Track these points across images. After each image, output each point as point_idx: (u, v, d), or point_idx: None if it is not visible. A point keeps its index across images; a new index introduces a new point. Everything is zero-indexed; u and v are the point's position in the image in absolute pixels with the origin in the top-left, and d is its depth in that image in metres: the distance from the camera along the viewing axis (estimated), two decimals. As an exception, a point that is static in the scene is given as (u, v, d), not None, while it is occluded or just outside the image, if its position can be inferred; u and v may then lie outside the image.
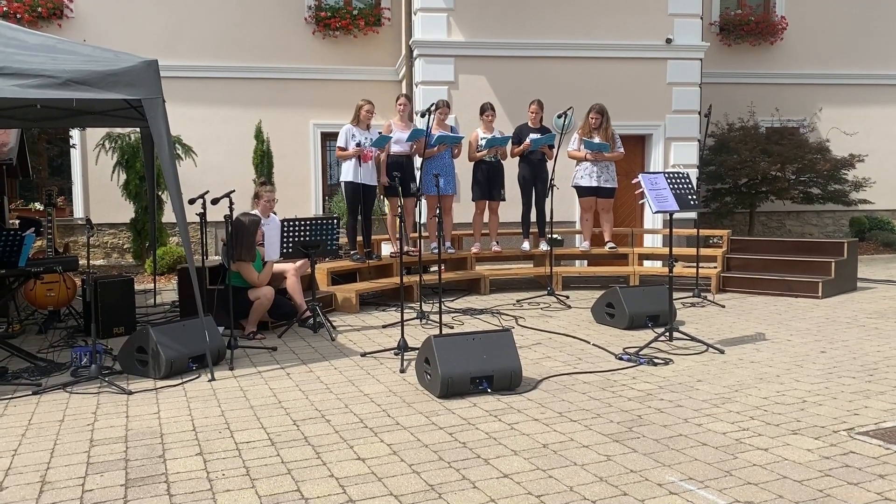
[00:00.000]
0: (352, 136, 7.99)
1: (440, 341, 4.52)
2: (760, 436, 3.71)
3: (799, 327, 6.50)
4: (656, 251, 10.06)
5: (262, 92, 12.61)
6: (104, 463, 3.47)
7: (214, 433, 3.87)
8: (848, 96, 14.34)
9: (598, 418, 4.03)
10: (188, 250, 5.30)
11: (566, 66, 11.38)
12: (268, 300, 6.38)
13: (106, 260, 12.47)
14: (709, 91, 12.08)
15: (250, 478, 3.26)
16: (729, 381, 4.78)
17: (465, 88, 11.11)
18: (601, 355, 5.56)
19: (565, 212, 10.97)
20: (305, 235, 6.52)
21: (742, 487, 3.07)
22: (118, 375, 5.08)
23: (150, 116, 5.05)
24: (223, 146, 12.28)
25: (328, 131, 12.74)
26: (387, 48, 12.92)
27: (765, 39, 13.98)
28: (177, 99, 11.03)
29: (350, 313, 7.49)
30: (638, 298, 6.61)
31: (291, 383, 4.87)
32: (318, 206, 12.96)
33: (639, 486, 3.11)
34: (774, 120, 13.57)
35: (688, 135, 11.79)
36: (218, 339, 5.42)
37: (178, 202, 5.11)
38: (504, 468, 3.32)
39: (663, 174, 6.13)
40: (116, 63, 4.97)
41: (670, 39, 11.52)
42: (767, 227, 14.55)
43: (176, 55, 11.98)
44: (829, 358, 5.36)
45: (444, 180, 8.43)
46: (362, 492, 3.08)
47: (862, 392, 4.46)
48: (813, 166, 12.57)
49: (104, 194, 11.75)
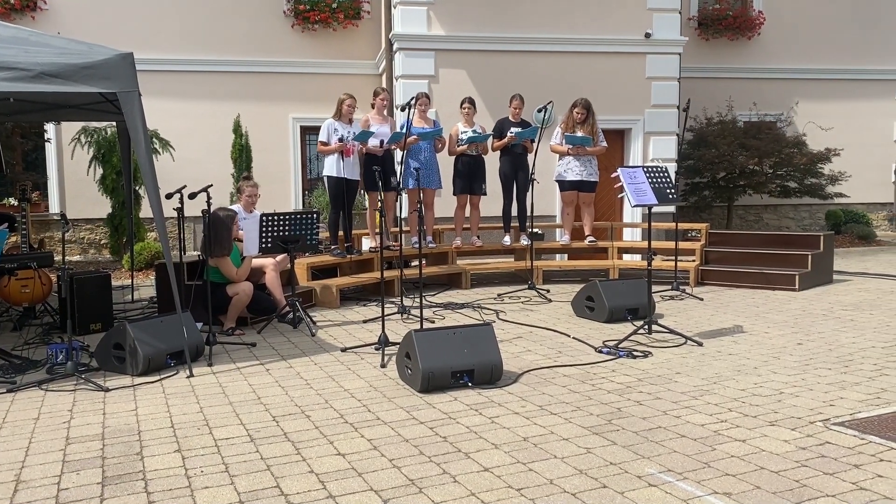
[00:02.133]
0: (334, 130, 7.93)
1: (421, 336, 4.51)
2: (738, 427, 3.75)
3: (776, 320, 6.57)
4: (635, 245, 10.12)
5: (240, 86, 12.51)
6: (80, 461, 3.43)
7: (193, 430, 3.84)
8: (824, 91, 14.50)
9: (577, 411, 4.05)
10: (165, 246, 5.25)
11: (546, 60, 11.40)
12: (246, 296, 6.33)
13: (83, 256, 12.32)
14: (687, 85, 12.16)
15: (229, 474, 3.23)
16: (707, 373, 4.82)
17: (446, 82, 11.08)
18: (581, 348, 5.58)
19: (546, 206, 10.99)
20: (284, 230, 6.47)
21: (720, 479, 3.10)
22: (95, 372, 5.03)
23: (125, 110, 4.99)
24: (201, 140, 12.17)
25: (308, 125, 12.67)
26: (366, 42, 12.87)
27: (742, 34, 14.09)
28: (154, 92, 10.93)
29: (330, 308, 7.46)
30: (617, 292, 6.64)
31: (271, 379, 4.84)
32: (298, 201, 12.90)
33: (618, 478, 3.13)
34: (752, 114, 13.69)
35: (667, 129, 11.86)
36: (196, 335, 5.37)
37: (155, 197, 5.06)
38: (484, 462, 3.33)
39: (642, 168, 6.16)
40: (91, 56, 4.91)
41: (649, 34, 11.57)
42: (745, 220, 14.69)
43: (153, 48, 11.84)
44: (806, 350, 5.42)
45: (428, 174, 8.42)
46: (342, 487, 3.07)
47: (837, 383, 4.52)
48: (790, 160, 12.71)
49: (80, 189, 11.61)
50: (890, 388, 4.37)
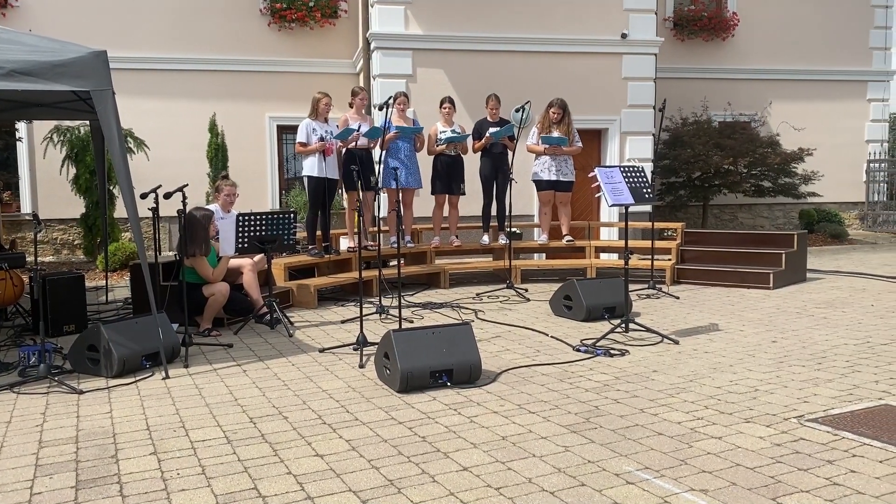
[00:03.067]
0: (312, 130, 7.88)
1: (400, 336, 4.50)
2: (714, 424, 3.78)
3: (751, 318, 6.64)
4: (612, 244, 10.18)
5: (216, 84, 12.41)
6: (54, 465, 3.38)
7: (169, 432, 3.80)
8: (797, 91, 14.71)
9: (556, 410, 4.06)
10: (140, 246, 5.19)
11: (524, 60, 11.44)
12: (223, 296, 6.28)
13: (56, 256, 12.15)
14: (663, 86, 12.27)
15: (206, 476, 3.20)
16: (684, 371, 4.86)
17: (424, 82, 11.08)
18: (559, 347, 5.61)
19: (524, 206, 11.04)
20: (261, 230, 6.42)
21: (697, 476, 3.13)
22: (68, 375, 4.96)
23: (99, 109, 4.92)
24: (176, 140, 12.05)
25: (284, 124, 12.61)
26: (344, 41, 12.82)
27: (717, 35, 14.24)
28: (128, 91, 10.82)
29: (308, 309, 7.42)
30: (595, 291, 6.68)
31: (248, 380, 4.81)
32: (275, 201, 12.82)
33: (596, 476, 3.14)
34: (727, 114, 13.85)
35: (643, 129, 11.96)
36: (172, 337, 5.32)
37: (130, 197, 5.00)
38: (463, 461, 3.33)
39: (619, 168, 6.20)
40: (63, 53, 4.84)
41: (625, 34, 11.65)
42: (720, 219, 14.85)
43: (127, 46, 11.71)
44: (780, 347, 5.48)
45: (407, 174, 8.41)
46: (320, 488, 3.06)
47: (811, 380, 4.58)
48: (764, 160, 12.86)
49: (53, 189, 11.45)
50: (862, 385, 4.44)
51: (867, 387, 4.40)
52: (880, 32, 15.12)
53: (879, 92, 15.21)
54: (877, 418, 3.81)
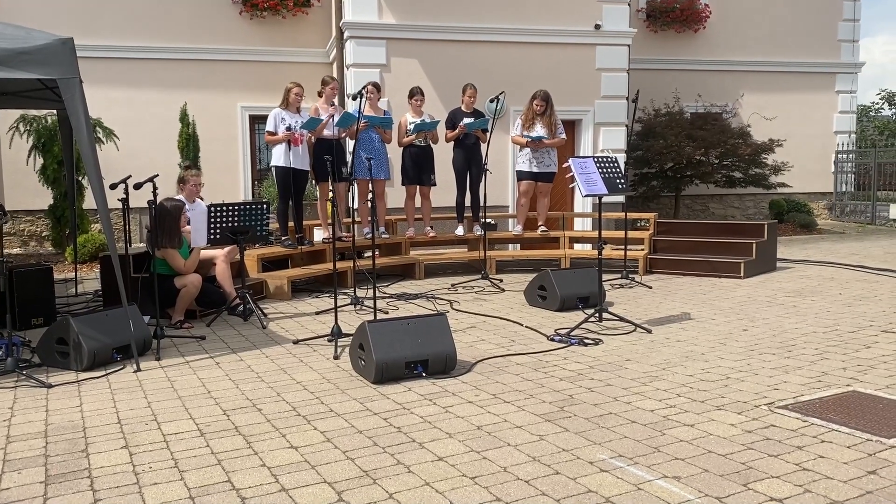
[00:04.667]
0: (281, 119, 7.82)
1: (374, 327, 4.49)
2: (687, 412, 3.82)
3: (722, 306, 6.72)
4: (586, 234, 10.24)
5: (187, 73, 12.23)
6: (22, 460, 3.32)
7: (140, 425, 3.76)
8: (768, 83, 14.88)
9: (530, 399, 4.08)
10: (110, 237, 5.10)
11: (498, 50, 11.42)
12: (195, 288, 6.21)
13: (23, 248, 11.93)
14: (636, 77, 12.32)
15: (179, 470, 3.17)
16: (656, 359, 4.90)
17: (398, 72, 11.02)
18: (534, 337, 5.63)
19: (498, 196, 11.04)
20: (233, 221, 6.35)
21: (670, 463, 3.16)
22: (37, 368, 4.87)
23: (66, 98, 4.83)
24: (146, 130, 11.87)
25: (257, 114, 12.46)
26: (317, 30, 12.70)
27: (689, 27, 14.35)
28: (96, 80, 10.63)
29: (282, 300, 7.37)
30: (569, 281, 6.71)
31: (221, 373, 4.77)
32: (248, 192, 12.69)
33: (571, 464, 3.16)
34: (699, 105, 13.97)
35: (616, 120, 12.01)
36: (143, 329, 5.25)
37: (99, 188, 4.91)
38: (439, 451, 3.33)
39: (592, 159, 6.23)
40: (29, 41, 4.73)
41: (599, 25, 11.68)
42: (692, 210, 15.00)
43: (95, 34, 11.49)
44: (751, 336, 5.56)
45: (377, 165, 8.34)
46: (295, 480, 3.04)
47: (781, 368, 4.65)
48: (735, 151, 13.00)
49: (19, 180, 11.21)
50: (830, 372, 4.52)
51: (835, 374, 4.48)
52: (848, 25, 15.34)
53: (847, 84, 15.45)
54: (845, 404, 3.88)
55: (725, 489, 2.89)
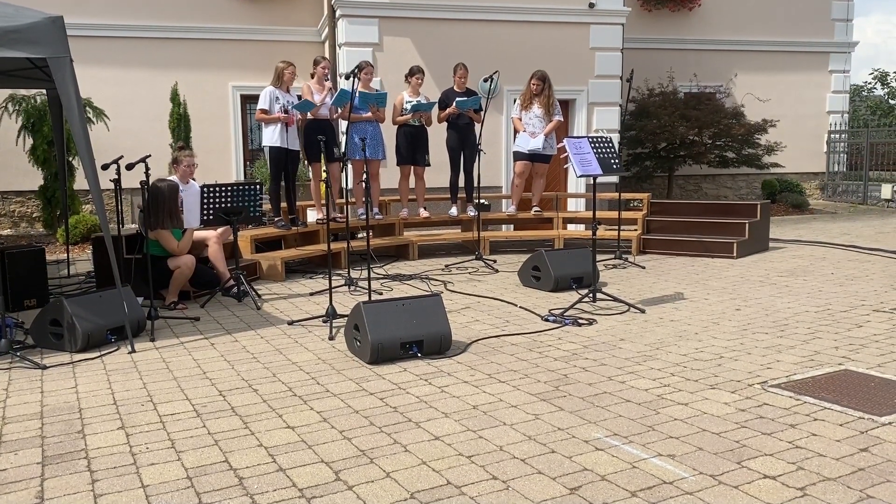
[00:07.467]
0: (275, 98, 7.72)
1: (369, 307, 4.49)
2: (680, 391, 3.85)
3: (715, 286, 6.75)
4: (580, 215, 10.23)
5: (178, 52, 12.11)
6: (18, 441, 3.32)
7: (136, 406, 3.76)
8: (761, 63, 14.84)
9: (525, 378, 4.10)
10: (102, 218, 5.07)
11: (492, 29, 11.34)
12: (188, 269, 6.19)
13: (14, 230, 11.86)
14: (630, 56, 12.28)
15: (176, 450, 3.18)
16: (650, 339, 4.93)
17: (391, 50, 10.94)
18: (528, 317, 5.64)
19: (492, 177, 11.03)
20: (226, 202, 6.32)
21: (664, 441, 3.19)
22: (31, 350, 4.86)
23: (56, 77, 4.77)
24: (137, 109, 11.78)
25: (248, 94, 12.37)
26: (309, 8, 12.58)
27: (684, 6, 14.27)
28: (87, 59, 10.53)
29: (276, 281, 7.36)
30: (563, 261, 6.72)
31: (216, 353, 4.77)
32: (240, 172, 12.63)
33: (566, 443, 3.19)
34: (692, 85, 13.93)
35: (610, 100, 11.98)
36: (137, 310, 5.24)
37: (91, 168, 4.87)
38: (435, 431, 3.35)
39: (587, 139, 6.21)
40: (18, 19, 4.66)
41: (593, 4, 11.61)
42: (685, 190, 15.02)
43: (86, 13, 11.36)
44: (744, 315, 5.59)
45: (373, 145, 8.29)
46: (292, 460, 3.06)
47: (774, 347, 4.68)
48: (728, 131, 13.00)
49: (9, 160, 11.12)
50: (822, 351, 4.55)
51: (827, 353, 4.52)
52: (842, 4, 15.28)
53: (841, 63, 15.42)
54: (837, 383, 3.92)
55: (719, 467, 2.92)
